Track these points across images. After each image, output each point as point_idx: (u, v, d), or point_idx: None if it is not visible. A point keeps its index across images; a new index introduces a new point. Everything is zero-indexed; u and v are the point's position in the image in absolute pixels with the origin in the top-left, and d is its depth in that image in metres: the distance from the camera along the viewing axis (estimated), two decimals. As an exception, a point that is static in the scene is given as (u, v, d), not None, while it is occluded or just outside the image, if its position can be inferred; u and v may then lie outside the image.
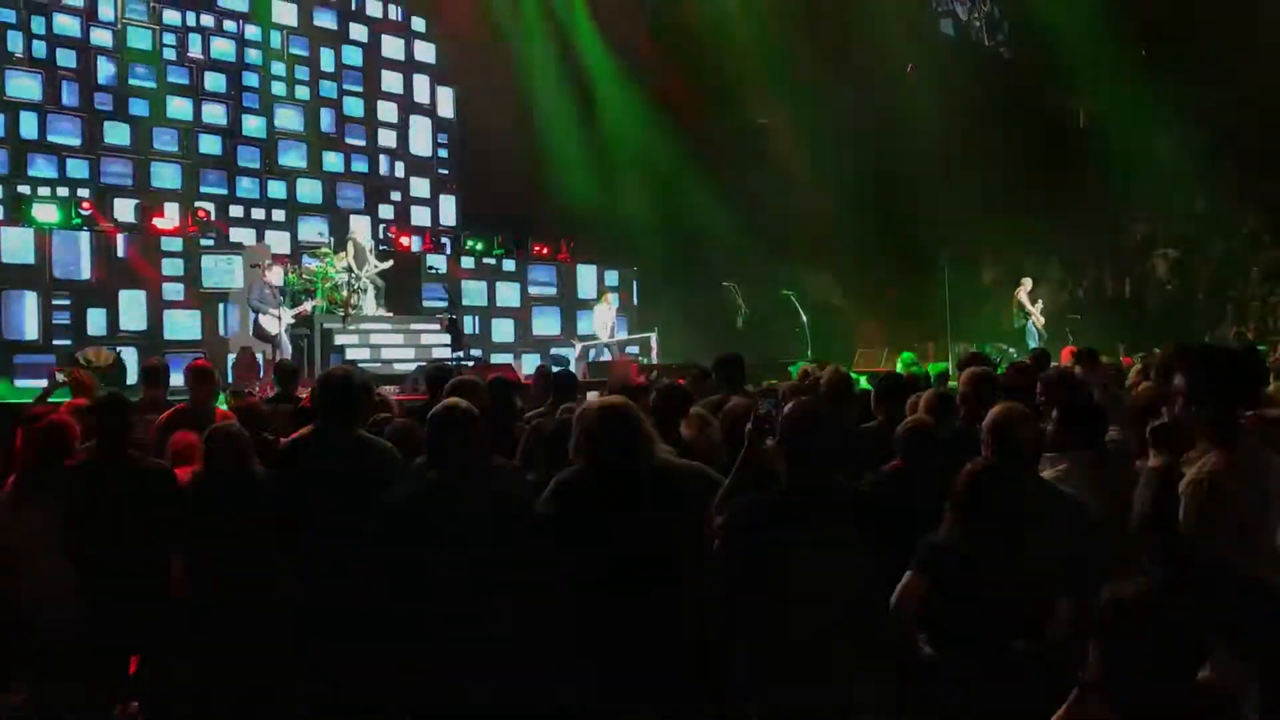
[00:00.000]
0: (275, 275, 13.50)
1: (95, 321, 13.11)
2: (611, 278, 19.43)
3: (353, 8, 18.64)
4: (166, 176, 16.24)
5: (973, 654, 3.48)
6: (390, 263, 15.60)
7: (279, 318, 13.13)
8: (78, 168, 15.38)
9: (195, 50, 16.72)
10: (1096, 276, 19.17)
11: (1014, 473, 3.82)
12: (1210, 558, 2.62)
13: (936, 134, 18.30)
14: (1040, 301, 16.92)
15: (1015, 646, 3.48)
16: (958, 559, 3.52)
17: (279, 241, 16.79)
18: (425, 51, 19.65)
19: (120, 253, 13.47)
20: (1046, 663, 3.39)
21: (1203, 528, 2.92)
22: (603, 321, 16.73)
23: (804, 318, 16.46)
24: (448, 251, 17.77)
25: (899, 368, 9.94)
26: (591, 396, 6.59)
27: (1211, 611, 2.49)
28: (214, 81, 16.91)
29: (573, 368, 14.67)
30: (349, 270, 14.61)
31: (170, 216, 14.49)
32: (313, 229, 17.30)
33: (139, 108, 15.99)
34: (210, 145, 16.80)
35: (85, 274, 13.15)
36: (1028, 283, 16.96)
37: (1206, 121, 17.23)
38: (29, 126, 14.99)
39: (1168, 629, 2.38)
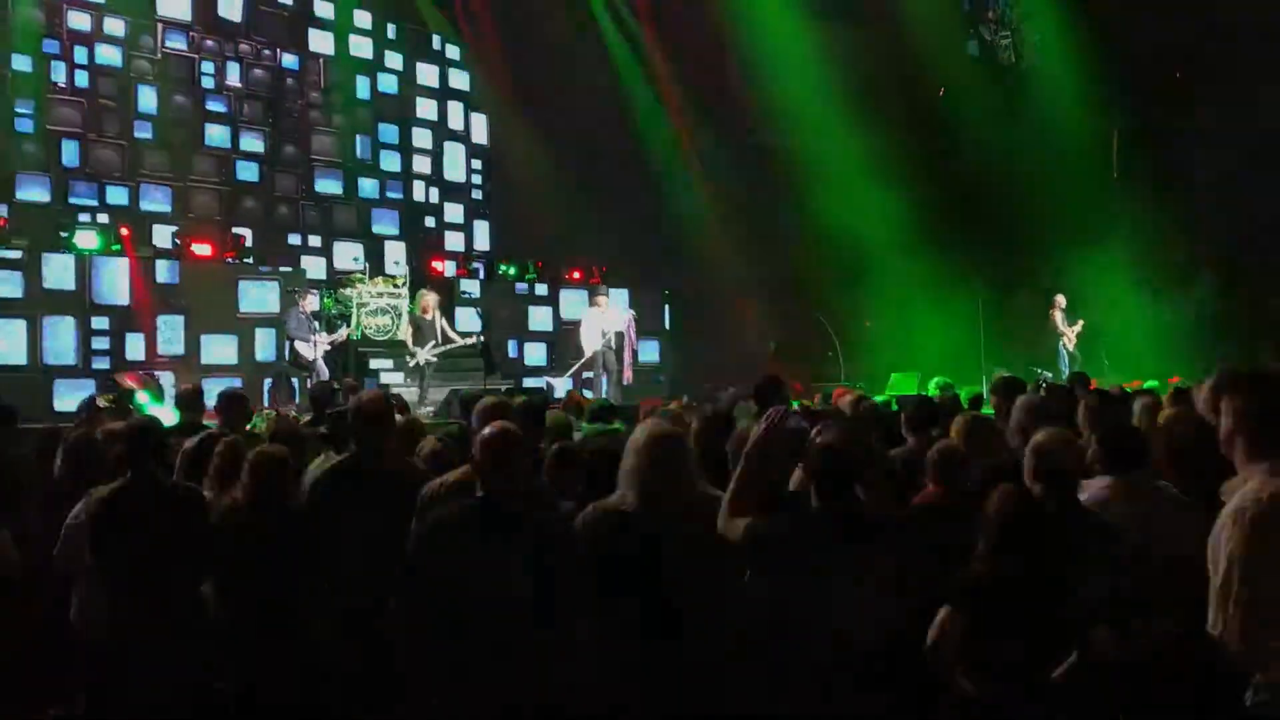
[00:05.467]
0: (311, 302, 13.58)
1: (133, 346, 13.24)
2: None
3: (388, 37, 18.82)
4: (204, 203, 16.44)
5: (1012, 687, 3.44)
6: (474, 338, 14.54)
7: (315, 344, 13.22)
8: (118, 194, 15.59)
9: (233, 78, 16.93)
10: (1134, 299, 18.98)
11: (1055, 500, 3.77)
12: None
13: (967, 157, 18.25)
14: (1082, 322, 16.74)
15: (1055, 679, 3.44)
16: (994, 591, 3.48)
17: (315, 267, 16.93)
18: (459, 79, 19.80)
19: (159, 278, 13.62)
20: (1087, 695, 3.34)
21: (1247, 558, 2.86)
22: (595, 329, 14.88)
23: (836, 341, 16.42)
24: (481, 276, 17.84)
25: (931, 391, 9.81)
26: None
27: None
28: (251, 109, 17.12)
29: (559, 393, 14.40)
30: (409, 352, 13.83)
31: (208, 242, 14.63)
32: (348, 254, 17.42)
33: (178, 135, 16.21)
34: (248, 172, 16.99)
35: (124, 299, 13.29)
36: (1061, 300, 16.81)
37: (1243, 141, 17.09)
38: (70, 154, 15.22)
39: (1212, 665, 2.34)
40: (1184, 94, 18.16)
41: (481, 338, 14.77)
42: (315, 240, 17.59)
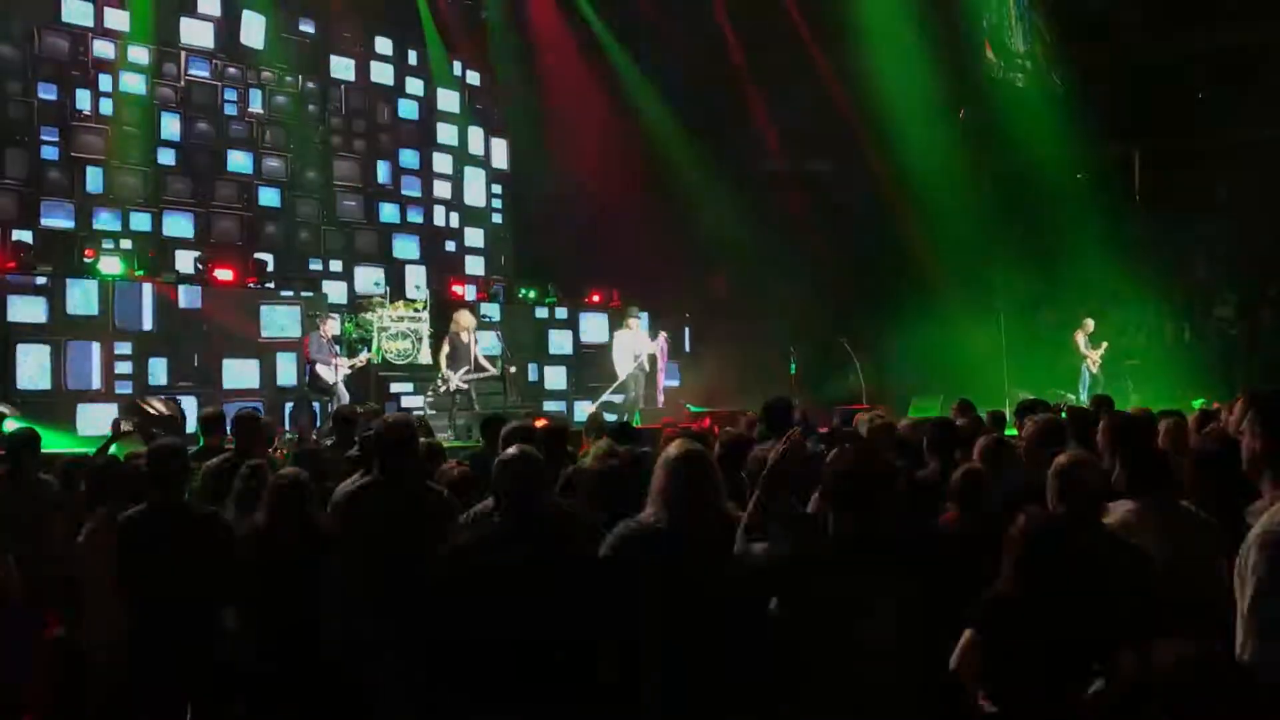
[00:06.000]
0: (331, 326, 13.60)
1: (156, 370, 13.32)
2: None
3: (409, 63, 18.96)
4: (226, 229, 16.56)
5: (1034, 712, 3.40)
6: (499, 366, 14.43)
7: (335, 368, 13.24)
8: (141, 221, 15.72)
9: (256, 105, 17.08)
10: (1157, 321, 18.90)
11: (1078, 522, 3.75)
12: None
13: (989, 178, 18.24)
14: (1105, 344, 16.68)
15: (1078, 702, 3.40)
16: (1017, 614, 3.45)
17: (336, 291, 17.02)
18: (479, 105, 19.92)
19: (181, 303, 13.72)
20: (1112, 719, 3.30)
21: (1273, 582, 2.82)
22: (627, 351, 14.88)
23: (857, 364, 16.37)
24: (500, 299, 17.89)
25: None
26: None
27: None
28: (274, 135, 17.26)
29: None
30: (441, 377, 13.63)
31: (230, 267, 14.72)
32: (369, 279, 17.53)
33: (201, 162, 16.36)
34: (269, 197, 17.11)
35: (147, 324, 13.38)
36: (1089, 324, 16.76)
37: (1266, 162, 17.03)
38: (94, 181, 15.36)
39: (1230, 690, 2.31)
40: (1206, 115, 18.11)
41: (513, 367, 14.56)
42: (336, 265, 17.68)
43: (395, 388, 14.85)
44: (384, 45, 18.61)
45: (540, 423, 7.06)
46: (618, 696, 3.69)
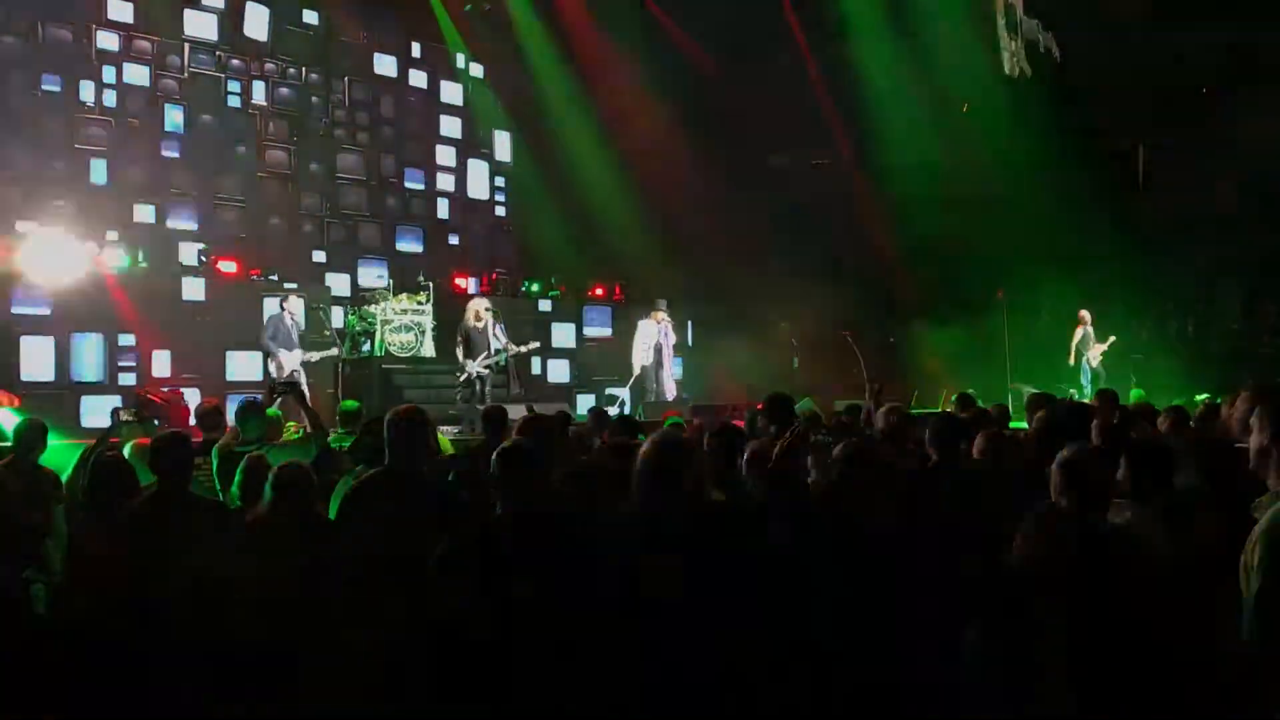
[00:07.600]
0: (295, 306, 13.08)
1: (159, 362, 13.33)
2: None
3: (412, 55, 18.94)
4: (230, 221, 16.55)
5: (1043, 703, 3.41)
6: (534, 344, 14.09)
7: (281, 364, 12.48)
8: (144, 213, 15.70)
9: (259, 97, 17.07)
10: (1160, 315, 18.89)
11: (1083, 516, 3.74)
12: None
13: (994, 172, 18.21)
14: (1113, 338, 16.68)
15: (1087, 697, 3.40)
16: (1026, 607, 3.46)
17: (339, 284, 17.01)
18: (483, 97, 19.90)
19: (185, 295, 13.72)
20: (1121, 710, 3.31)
21: (1276, 580, 2.82)
22: (647, 344, 15.06)
23: (860, 358, 16.35)
24: (500, 292, 17.89)
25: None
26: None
27: None
28: (277, 128, 17.24)
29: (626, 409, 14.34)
30: (460, 368, 12.99)
31: (233, 260, 14.72)
32: (373, 272, 17.52)
33: (204, 154, 16.34)
34: (272, 190, 17.11)
35: (150, 316, 13.37)
36: (1085, 316, 16.75)
37: (1269, 158, 17.01)
38: (98, 173, 15.35)
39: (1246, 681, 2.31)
40: (1210, 109, 18.09)
41: (526, 345, 13.86)
42: (340, 257, 17.67)
43: (399, 380, 14.80)
44: (387, 37, 18.58)
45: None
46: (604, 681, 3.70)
